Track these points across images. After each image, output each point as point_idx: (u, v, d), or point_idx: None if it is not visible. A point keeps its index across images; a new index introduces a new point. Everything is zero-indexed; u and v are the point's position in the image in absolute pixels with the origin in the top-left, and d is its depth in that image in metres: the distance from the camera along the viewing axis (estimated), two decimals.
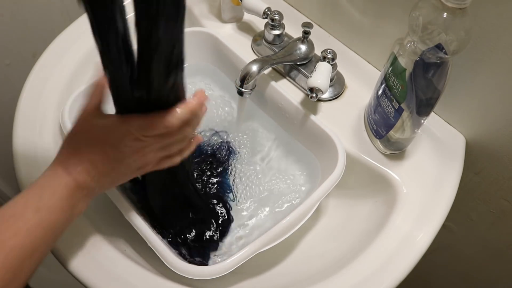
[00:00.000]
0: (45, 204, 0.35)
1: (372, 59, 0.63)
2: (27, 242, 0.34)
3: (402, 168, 0.54)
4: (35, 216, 0.34)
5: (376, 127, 0.54)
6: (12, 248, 0.32)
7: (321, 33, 0.68)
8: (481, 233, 0.68)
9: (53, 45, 0.63)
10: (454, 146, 0.56)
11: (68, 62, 0.61)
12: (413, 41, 0.43)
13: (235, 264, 0.44)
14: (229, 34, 0.69)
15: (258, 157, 0.61)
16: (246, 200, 0.57)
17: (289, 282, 0.49)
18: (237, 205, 0.57)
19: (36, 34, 0.85)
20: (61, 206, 0.36)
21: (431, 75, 0.44)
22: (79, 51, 0.62)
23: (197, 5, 0.72)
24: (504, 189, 0.58)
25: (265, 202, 0.57)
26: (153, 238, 0.45)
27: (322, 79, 0.54)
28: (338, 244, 0.54)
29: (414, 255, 0.47)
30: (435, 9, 0.39)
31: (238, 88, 0.56)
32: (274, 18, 0.62)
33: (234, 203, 0.57)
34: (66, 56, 0.62)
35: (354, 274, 0.46)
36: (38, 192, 0.35)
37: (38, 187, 0.36)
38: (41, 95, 0.58)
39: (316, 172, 0.58)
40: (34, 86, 0.58)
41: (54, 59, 0.61)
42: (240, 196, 0.57)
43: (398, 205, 0.51)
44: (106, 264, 0.45)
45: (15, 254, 0.33)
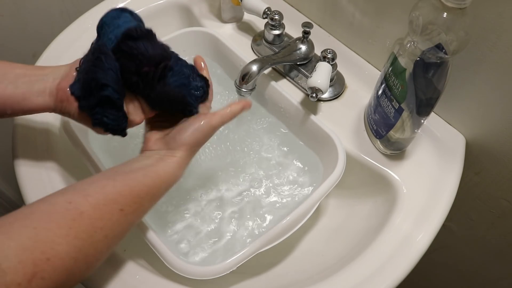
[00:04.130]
0: (158, 195, 0.41)
1: (372, 59, 0.63)
2: (137, 221, 0.40)
3: (402, 168, 0.54)
4: (148, 204, 0.40)
5: (376, 127, 0.54)
6: (129, 223, 0.38)
7: (321, 33, 0.68)
8: (481, 233, 0.68)
9: (53, 45, 0.63)
10: (454, 146, 0.56)
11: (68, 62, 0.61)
12: (413, 41, 0.43)
13: (235, 264, 0.44)
14: (229, 34, 0.69)
15: (258, 156, 0.61)
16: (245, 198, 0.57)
17: (289, 282, 0.49)
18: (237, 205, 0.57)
19: (36, 34, 0.85)
20: (162, 195, 0.42)
21: (431, 75, 0.44)
22: (78, 51, 0.62)
23: (197, 5, 0.72)
24: (504, 189, 0.58)
25: (265, 201, 0.57)
26: (153, 237, 0.45)
27: (322, 79, 0.54)
28: (338, 244, 0.54)
29: (414, 255, 0.47)
30: (435, 9, 0.39)
31: (238, 88, 0.56)
32: (274, 18, 0.62)
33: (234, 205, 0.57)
34: (66, 56, 0.62)
35: (354, 274, 0.46)
36: (158, 185, 0.41)
37: (159, 179, 0.41)
38: None
39: (317, 171, 0.58)
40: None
41: (54, 59, 0.61)
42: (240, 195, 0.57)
43: (398, 205, 0.51)
44: (106, 264, 0.45)
45: (129, 227, 0.39)
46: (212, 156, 0.61)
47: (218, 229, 0.54)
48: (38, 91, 0.43)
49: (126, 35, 0.41)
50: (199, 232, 0.54)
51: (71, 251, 0.32)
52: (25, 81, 0.43)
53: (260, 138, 0.62)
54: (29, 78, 0.43)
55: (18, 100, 0.42)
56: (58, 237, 0.32)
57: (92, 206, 0.35)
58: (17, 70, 0.43)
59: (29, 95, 0.43)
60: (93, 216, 0.35)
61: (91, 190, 0.37)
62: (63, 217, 0.33)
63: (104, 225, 0.35)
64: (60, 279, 0.32)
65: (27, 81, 0.43)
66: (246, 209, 0.56)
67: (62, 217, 0.33)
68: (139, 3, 0.69)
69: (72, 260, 0.33)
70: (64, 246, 0.32)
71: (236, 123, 0.63)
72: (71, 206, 0.34)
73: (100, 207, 0.36)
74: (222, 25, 0.70)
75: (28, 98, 0.43)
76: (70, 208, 0.34)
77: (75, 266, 0.33)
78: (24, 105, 0.43)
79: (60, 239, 0.32)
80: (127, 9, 0.45)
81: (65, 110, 0.44)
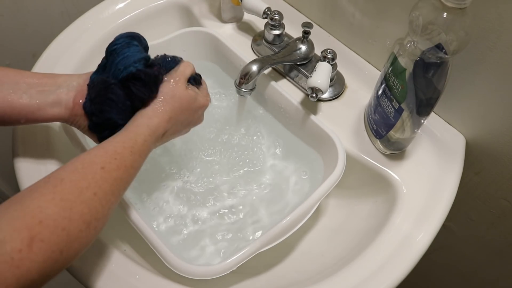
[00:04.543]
0: (138, 149, 0.41)
1: (372, 59, 0.63)
2: (125, 177, 0.40)
3: (402, 168, 0.54)
4: (130, 157, 0.40)
5: (376, 127, 0.54)
6: (115, 178, 0.38)
7: (321, 33, 0.68)
8: (481, 233, 0.68)
9: (53, 45, 0.63)
10: (454, 146, 0.56)
11: (68, 62, 0.61)
12: (413, 41, 0.43)
13: (235, 264, 0.44)
14: (229, 34, 0.69)
15: (258, 155, 0.61)
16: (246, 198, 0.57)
17: (289, 282, 0.49)
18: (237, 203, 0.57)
19: (36, 34, 0.85)
20: (146, 151, 0.43)
21: (431, 75, 0.44)
22: (78, 51, 0.62)
23: (197, 5, 0.72)
24: (504, 189, 0.58)
25: (265, 200, 0.57)
26: (153, 238, 0.45)
27: (322, 79, 0.54)
28: (338, 244, 0.54)
29: (414, 255, 0.47)
30: (435, 9, 0.39)
31: (237, 88, 0.56)
32: (274, 18, 0.62)
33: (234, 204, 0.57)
34: (65, 56, 0.62)
35: (354, 274, 0.46)
36: (133, 138, 0.42)
37: (132, 133, 0.42)
38: None
39: (317, 171, 0.58)
40: None
41: (54, 59, 0.61)
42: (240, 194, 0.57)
43: (398, 205, 0.51)
44: (105, 264, 0.45)
45: (118, 183, 0.39)
46: (209, 153, 0.61)
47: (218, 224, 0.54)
48: (53, 103, 0.44)
49: (134, 76, 0.44)
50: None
51: (61, 211, 0.33)
52: (39, 91, 0.43)
53: (259, 138, 0.62)
54: (42, 88, 0.44)
55: (33, 110, 0.43)
56: (44, 202, 0.33)
57: (70, 172, 0.37)
58: (28, 79, 0.44)
59: (44, 106, 0.43)
60: (74, 179, 0.36)
61: (67, 164, 0.38)
62: (44, 187, 0.35)
63: (88, 184, 0.36)
64: (61, 240, 0.32)
65: (40, 91, 0.43)
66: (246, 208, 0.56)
67: (43, 187, 0.35)
68: (139, 3, 0.69)
69: (66, 219, 0.33)
70: (53, 208, 0.33)
71: (236, 122, 0.63)
72: (50, 179, 0.36)
73: (79, 170, 0.37)
74: (222, 25, 0.70)
75: (43, 109, 0.43)
76: (50, 180, 0.35)
77: (71, 225, 0.33)
78: (38, 116, 0.44)
79: (46, 203, 0.33)
80: (135, 36, 0.47)
81: (77, 124, 0.46)
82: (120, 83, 0.44)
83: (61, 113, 0.44)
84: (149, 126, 0.43)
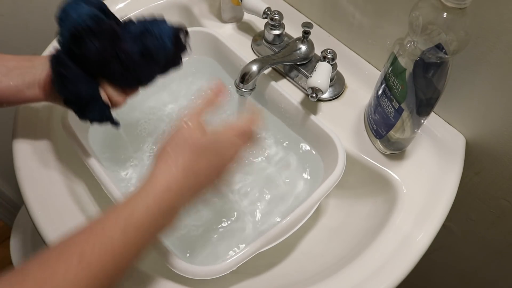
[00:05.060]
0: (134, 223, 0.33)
1: (372, 59, 0.63)
2: (115, 266, 0.32)
3: (402, 168, 0.54)
4: (122, 237, 0.32)
5: (376, 127, 0.54)
6: (96, 273, 0.30)
7: (321, 33, 0.68)
8: (481, 233, 0.68)
9: (53, 45, 0.63)
10: (454, 146, 0.56)
11: None
12: (413, 41, 0.43)
13: (235, 264, 0.44)
14: (229, 34, 0.69)
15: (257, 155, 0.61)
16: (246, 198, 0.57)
17: (289, 282, 0.49)
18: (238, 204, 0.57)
19: (37, 33, 0.85)
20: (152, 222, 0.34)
21: (431, 75, 0.44)
22: None
23: (197, 5, 0.72)
24: (504, 189, 0.58)
25: (265, 200, 0.57)
26: None
27: (322, 79, 0.54)
28: (338, 244, 0.54)
29: (414, 255, 0.47)
30: (435, 9, 0.39)
31: (237, 88, 0.56)
32: (274, 18, 0.62)
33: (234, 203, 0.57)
34: None
35: (354, 274, 0.46)
36: (128, 210, 0.33)
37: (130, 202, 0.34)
38: None
39: (317, 171, 0.58)
40: None
41: None
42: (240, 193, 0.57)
43: (398, 205, 0.51)
44: None
45: (102, 278, 0.31)
46: None
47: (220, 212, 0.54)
48: (29, 84, 0.44)
49: (74, 38, 0.41)
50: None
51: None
52: (18, 73, 0.44)
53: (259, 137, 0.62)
54: (20, 70, 0.44)
55: (13, 92, 0.44)
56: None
57: (38, 265, 0.30)
58: (9, 62, 0.44)
59: (22, 88, 0.44)
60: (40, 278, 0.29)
61: (46, 249, 0.32)
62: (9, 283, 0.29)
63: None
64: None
65: (19, 73, 0.44)
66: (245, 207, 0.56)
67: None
68: (139, 3, 0.69)
69: None
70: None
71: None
72: (17, 271, 0.30)
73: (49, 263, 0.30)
74: (222, 25, 0.70)
75: (21, 91, 0.44)
76: (15, 273, 0.30)
77: None
78: (19, 97, 0.45)
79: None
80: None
81: (54, 101, 0.46)
82: (67, 51, 0.43)
83: (37, 93, 0.45)
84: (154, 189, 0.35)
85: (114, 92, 0.45)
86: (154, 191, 0.34)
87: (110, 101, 0.46)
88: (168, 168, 0.36)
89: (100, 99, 0.44)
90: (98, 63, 0.43)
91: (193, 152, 0.36)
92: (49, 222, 0.47)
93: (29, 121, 0.55)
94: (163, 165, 0.36)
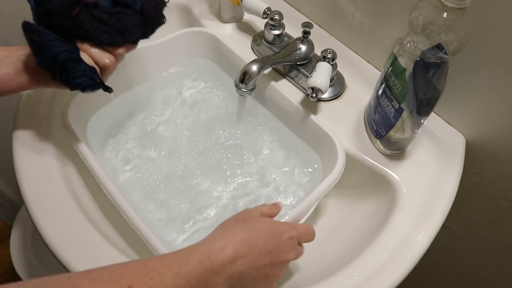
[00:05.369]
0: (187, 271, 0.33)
1: (372, 59, 0.63)
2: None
3: (402, 168, 0.54)
4: (173, 281, 0.32)
5: (376, 127, 0.54)
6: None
7: (321, 33, 0.68)
8: (481, 233, 0.68)
9: None
10: (454, 146, 0.56)
11: None
12: (413, 41, 0.43)
13: None
14: (229, 34, 0.69)
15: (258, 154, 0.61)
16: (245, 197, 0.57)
17: (288, 282, 0.49)
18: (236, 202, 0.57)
19: None
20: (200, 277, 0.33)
21: (431, 75, 0.44)
22: None
23: (197, 5, 0.72)
24: (504, 189, 0.58)
25: (264, 200, 0.57)
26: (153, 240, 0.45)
27: (322, 79, 0.54)
28: (338, 244, 0.54)
29: (414, 255, 0.47)
30: (435, 9, 0.39)
31: (237, 88, 0.56)
32: (274, 18, 0.62)
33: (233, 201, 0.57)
34: None
35: (354, 274, 0.46)
36: (184, 256, 0.34)
37: (186, 250, 0.35)
38: (41, 95, 0.58)
39: (317, 170, 0.58)
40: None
41: None
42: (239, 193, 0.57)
43: (398, 205, 0.51)
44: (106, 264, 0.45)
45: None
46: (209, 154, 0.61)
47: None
48: (19, 70, 0.45)
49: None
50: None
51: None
52: (8, 62, 0.45)
53: (259, 137, 0.62)
54: (10, 59, 0.45)
55: (4, 81, 0.45)
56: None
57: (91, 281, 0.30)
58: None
59: (12, 75, 0.45)
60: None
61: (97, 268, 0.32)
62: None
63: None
64: None
65: (9, 61, 0.45)
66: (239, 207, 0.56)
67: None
68: None
69: None
70: None
71: (236, 121, 0.63)
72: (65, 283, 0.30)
73: (102, 282, 0.30)
74: (222, 25, 0.70)
75: (12, 78, 0.45)
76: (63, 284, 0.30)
77: None
78: (10, 85, 0.45)
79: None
80: None
81: (46, 84, 0.46)
82: (37, 19, 0.43)
83: (28, 78, 0.45)
84: (210, 245, 0.35)
85: (98, 52, 0.44)
86: (210, 248, 0.35)
87: (97, 64, 0.45)
88: (228, 233, 0.37)
89: (82, 62, 0.43)
90: (69, 21, 0.42)
91: (254, 231, 0.38)
92: (49, 222, 0.47)
93: (29, 121, 0.55)
94: (223, 228, 0.38)
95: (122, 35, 0.45)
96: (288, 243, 0.40)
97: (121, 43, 0.45)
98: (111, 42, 0.45)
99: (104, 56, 0.44)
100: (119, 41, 0.45)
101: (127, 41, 0.46)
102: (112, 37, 0.44)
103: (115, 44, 0.45)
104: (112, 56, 0.45)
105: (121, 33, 0.45)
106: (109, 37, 0.44)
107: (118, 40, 0.45)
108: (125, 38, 0.45)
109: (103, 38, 0.44)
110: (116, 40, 0.45)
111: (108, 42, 0.44)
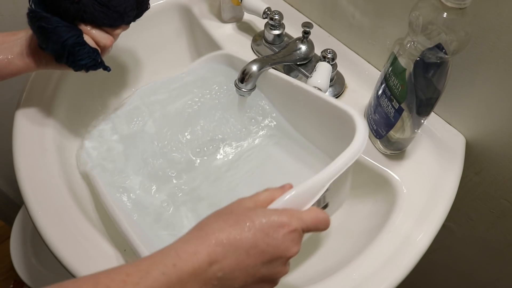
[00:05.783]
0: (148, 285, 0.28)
1: (372, 59, 0.63)
2: None
3: (402, 168, 0.54)
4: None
5: (376, 127, 0.54)
6: None
7: (321, 33, 0.68)
8: (481, 233, 0.68)
9: None
10: (454, 146, 0.56)
11: None
12: (413, 41, 0.43)
13: None
14: (229, 34, 0.69)
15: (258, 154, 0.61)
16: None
17: (288, 282, 0.49)
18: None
19: None
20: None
21: (431, 75, 0.44)
22: None
23: (197, 5, 0.72)
24: (504, 189, 0.58)
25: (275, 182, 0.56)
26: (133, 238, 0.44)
27: (322, 79, 0.54)
28: (338, 244, 0.54)
29: (414, 255, 0.47)
30: (435, 9, 0.39)
31: (237, 88, 0.56)
32: (274, 18, 0.62)
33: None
34: None
35: (354, 274, 0.46)
36: (144, 268, 0.29)
37: (147, 260, 0.30)
38: (41, 95, 0.58)
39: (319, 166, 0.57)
40: (34, 86, 0.58)
41: None
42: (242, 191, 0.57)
43: (398, 205, 0.51)
44: (106, 264, 0.45)
45: None
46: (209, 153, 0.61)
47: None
48: (17, 54, 0.47)
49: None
50: None
51: None
52: (5, 47, 0.46)
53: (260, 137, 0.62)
54: (8, 44, 0.47)
55: (4, 65, 0.46)
56: None
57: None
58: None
59: (11, 59, 0.46)
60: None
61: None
62: None
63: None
64: None
65: (7, 47, 0.47)
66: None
67: None
68: None
69: None
70: None
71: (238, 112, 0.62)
72: None
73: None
74: (222, 25, 0.70)
75: (11, 62, 0.46)
76: None
77: None
78: (10, 69, 0.47)
79: None
80: None
81: (46, 66, 0.48)
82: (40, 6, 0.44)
83: (27, 62, 0.47)
84: (178, 251, 0.30)
85: (99, 34, 0.47)
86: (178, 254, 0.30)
87: (98, 45, 0.47)
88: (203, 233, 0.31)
89: (86, 44, 0.45)
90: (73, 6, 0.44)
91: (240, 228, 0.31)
92: (49, 222, 0.47)
93: (29, 121, 0.55)
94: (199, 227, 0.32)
95: (120, 17, 0.48)
96: (288, 238, 0.32)
97: (119, 24, 0.48)
98: (112, 24, 0.48)
99: (104, 37, 0.47)
100: (118, 22, 0.48)
101: (124, 22, 0.49)
102: (112, 19, 0.47)
103: (115, 25, 0.48)
104: (111, 37, 0.48)
105: (120, 15, 0.47)
106: (109, 19, 0.47)
107: (118, 22, 0.48)
108: (123, 20, 0.48)
109: (104, 20, 0.47)
110: (116, 22, 0.48)
111: (109, 23, 0.47)
